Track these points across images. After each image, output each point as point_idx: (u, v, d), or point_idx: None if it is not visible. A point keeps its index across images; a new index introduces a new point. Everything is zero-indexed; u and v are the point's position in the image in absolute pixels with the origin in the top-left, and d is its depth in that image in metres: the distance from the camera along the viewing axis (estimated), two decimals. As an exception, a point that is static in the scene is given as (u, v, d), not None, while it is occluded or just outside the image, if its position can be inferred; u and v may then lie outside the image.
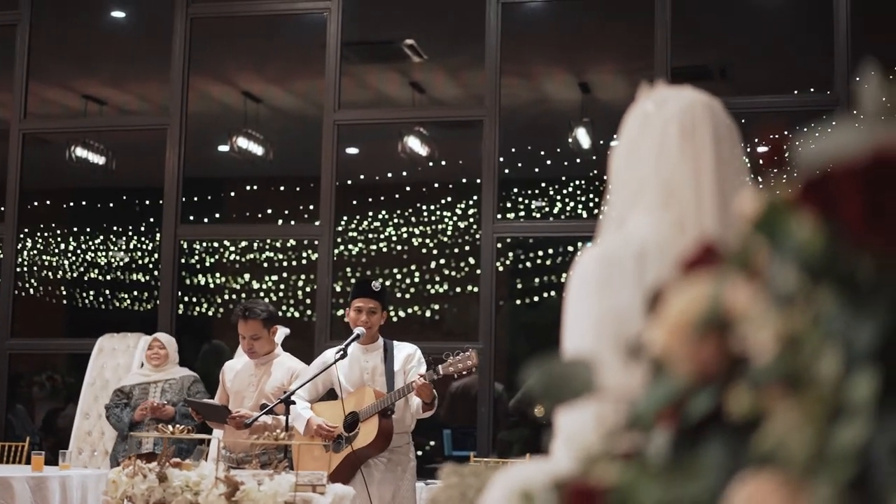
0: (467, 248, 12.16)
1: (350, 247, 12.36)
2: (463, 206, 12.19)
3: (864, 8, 8.63)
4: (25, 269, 12.64)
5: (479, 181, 9.28)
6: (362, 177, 12.31)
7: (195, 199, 11.75)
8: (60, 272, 13.22)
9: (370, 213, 12.46)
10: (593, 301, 2.07)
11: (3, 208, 10.31)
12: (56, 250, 13.20)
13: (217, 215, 12.58)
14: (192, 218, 10.49)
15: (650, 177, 2.16)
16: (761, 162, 1.00)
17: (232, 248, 12.96)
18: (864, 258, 0.88)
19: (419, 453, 6.65)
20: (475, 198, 11.63)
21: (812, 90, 9.04)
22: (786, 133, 0.92)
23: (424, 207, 12.36)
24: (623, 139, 2.28)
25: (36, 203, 13.20)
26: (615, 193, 2.22)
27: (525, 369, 1.30)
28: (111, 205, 13.36)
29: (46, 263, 13.22)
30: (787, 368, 0.92)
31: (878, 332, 0.87)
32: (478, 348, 8.86)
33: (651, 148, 2.18)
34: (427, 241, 12.33)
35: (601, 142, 11.27)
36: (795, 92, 9.08)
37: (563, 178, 11.73)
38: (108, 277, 13.24)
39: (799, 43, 9.56)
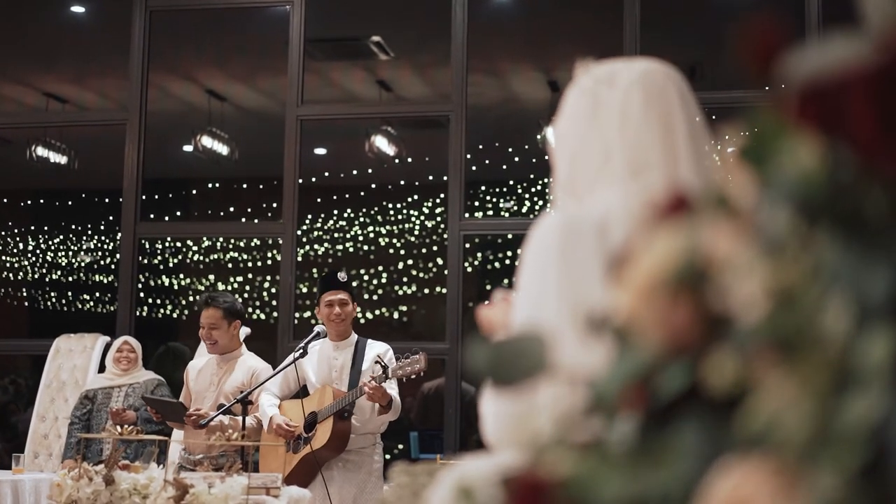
0: (435, 248, 12.00)
1: (315, 246, 12.18)
2: (430, 204, 12.02)
3: (835, 4, 8.50)
4: (-16, 269, 12.41)
5: (446, 178, 9.10)
6: (327, 174, 12.12)
7: (156, 197, 11.55)
8: (21, 273, 12.99)
9: (335, 213, 12.27)
10: (552, 271, 1.89)
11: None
12: (15, 250, 12.96)
13: (179, 214, 12.37)
14: (153, 216, 10.28)
15: (615, 148, 1.99)
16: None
17: (195, 249, 12.75)
18: (877, 187, 0.70)
19: (387, 457, 6.46)
20: (442, 197, 11.46)
21: (784, 85, 8.89)
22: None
23: (391, 206, 12.19)
24: (568, 117, 2.11)
25: (-5, 202, 12.98)
26: (571, 171, 2.05)
27: (469, 347, 1.12)
28: (70, 203, 13.15)
29: (7, 264, 12.98)
30: (781, 328, 0.74)
31: (894, 280, 0.69)
32: (429, 349, 8.70)
33: (612, 118, 2.02)
34: (394, 240, 12.15)
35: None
36: (767, 88, 8.93)
37: (532, 177, 11.57)
38: (71, 279, 13.02)
39: (770, 37, 9.40)
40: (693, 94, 2.09)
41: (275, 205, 10.26)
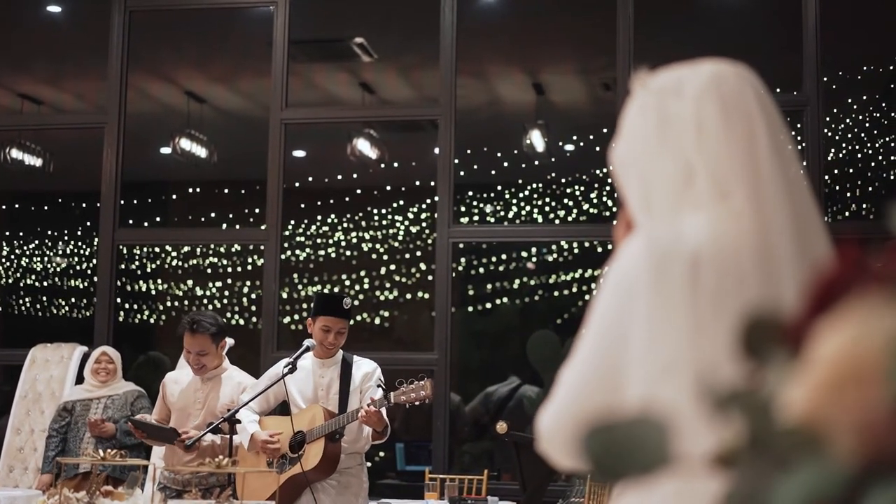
0: (419, 253, 11.80)
1: (297, 252, 11.96)
2: (415, 210, 11.82)
3: (833, 5, 8.34)
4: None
5: (432, 183, 8.91)
6: (311, 179, 11.90)
7: (135, 202, 11.31)
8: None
9: (318, 217, 12.05)
10: (639, 309, 1.67)
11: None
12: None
13: (158, 219, 12.13)
14: (131, 222, 10.04)
15: (697, 165, 1.75)
16: None
17: (174, 254, 12.52)
18: None
19: (367, 464, 6.24)
20: (427, 202, 11.27)
21: (778, 90, 8.74)
22: None
23: (375, 211, 11.98)
24: (633, 137, 1.86)
25: (-32, 206, 12.73)
26: (645, 197, 1.81)
27: (585, 433, 0.92)
28: (46, 208, 12.90)
29: (-20, 269, 12.73)
30: None
31: None
32: (417, 360, 8.50)
33: (686, 132, 1.78)
34: (377, 246, 11.94)
35: (559, 143, 10.94)
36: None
37: (520, 182, 11.37)
38: (46, 284, 12.78)
39: (766, 41, 9.26)
40: (771, 96, 1.87)
41: (257, 210, 10.05)
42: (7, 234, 12.75)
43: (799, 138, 8.56)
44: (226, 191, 12.25)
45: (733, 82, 1.83)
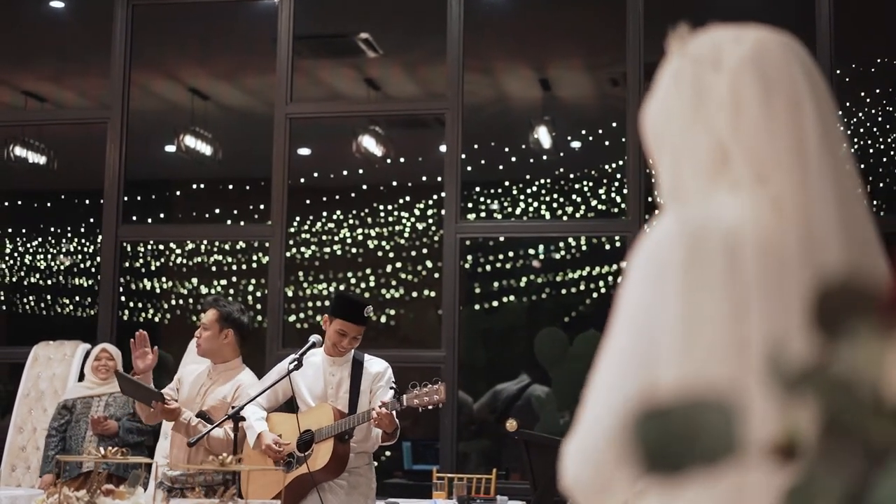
0: (425, 250, 11.70)
1: (303, 249, 11.86)
2: (421, 206, 11.72)
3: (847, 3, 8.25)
4: (-39, 273, 12.08)
5: (439, 179, 8.81)
6: (316, 176, 11.82)
7: (139, 198, 11.23)
8: (-2, 277, 12.66)
9: (324, 214, 11.96)
10: (673, 295, 1.52)
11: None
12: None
13: (162, 216, 12.05)
14: (135, 219, 9.96)
15: (731, 146, 1.61)
16: None
17: (178, 252, 12.43)
18: None
19: (374, 464, 6.14)
20: (434, 198, 11.17)
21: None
22: None
23: (381, 208, 11.88)
24: (665, 108, 1.72)
25: (-29, 204, 12.66)
26: (676, 175, 1.67)
27: (630, 421, 0.82)
28: (49, 205, 12.82)
29: (-16, 268, 12.65)
30: None
31: None
32: (424, 357, 8.41)
33: (721, 109, 1.63)
34: (383, 243, 11.84)
35: (567, 139, 10.84)
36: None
37: (527, 178, 11.27)
38: (49, 282, 12.70)
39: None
40: (819, 69, 1.70)
41: (262, 206, 9.96)
42: (10, 231, 12.67)
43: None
44: (230, 187, 12.16)
45: (778, 56, 1.66)
